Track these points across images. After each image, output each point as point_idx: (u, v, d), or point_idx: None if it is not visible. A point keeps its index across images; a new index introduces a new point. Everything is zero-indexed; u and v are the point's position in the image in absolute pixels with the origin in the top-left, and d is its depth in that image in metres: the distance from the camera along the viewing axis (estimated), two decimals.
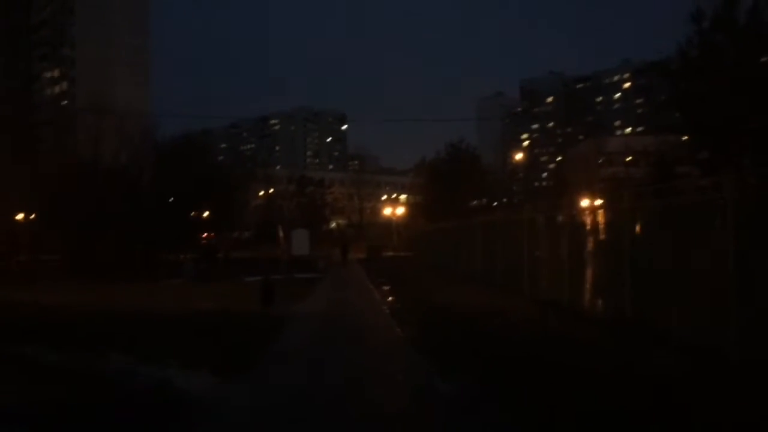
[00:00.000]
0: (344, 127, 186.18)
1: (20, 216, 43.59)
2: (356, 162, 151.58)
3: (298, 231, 34.10)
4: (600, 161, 75.22)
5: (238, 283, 23.92)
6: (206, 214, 46.04)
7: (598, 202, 16.99)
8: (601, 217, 12.73)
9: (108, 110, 47.98)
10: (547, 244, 14.99)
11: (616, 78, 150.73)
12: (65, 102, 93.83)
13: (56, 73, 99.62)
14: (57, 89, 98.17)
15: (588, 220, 13.24)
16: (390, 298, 18.08)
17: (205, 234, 48.90)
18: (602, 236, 12.40)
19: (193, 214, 44.17)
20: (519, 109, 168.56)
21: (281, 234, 29.48)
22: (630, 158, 74.69)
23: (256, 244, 45.44)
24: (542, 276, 15.13)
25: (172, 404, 6.81)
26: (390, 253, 47.84)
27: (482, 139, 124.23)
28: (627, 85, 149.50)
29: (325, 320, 13.82)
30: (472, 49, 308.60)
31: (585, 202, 18.88)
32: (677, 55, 20.03)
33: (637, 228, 10.95)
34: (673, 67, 20.96)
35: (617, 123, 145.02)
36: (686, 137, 21.22)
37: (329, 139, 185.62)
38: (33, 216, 43.99)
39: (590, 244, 12.78)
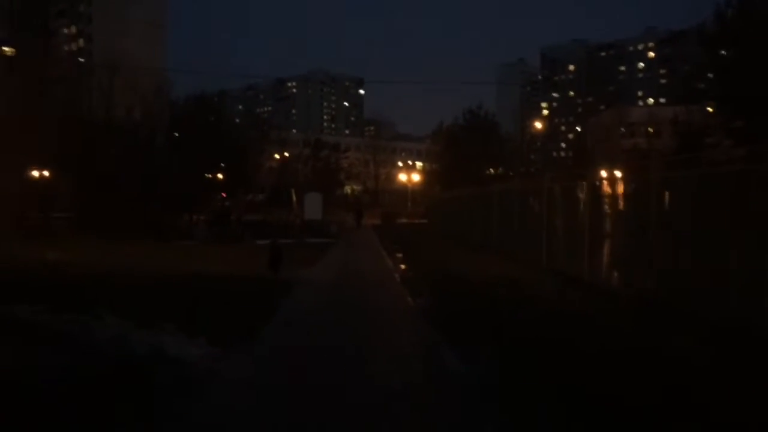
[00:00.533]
0: (361, 91, 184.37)
1: (34, 172, 43.40)
2: (372, 128, 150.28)
3: (310, 195, 33.49)
4: (622, 131, 73.56)
5: (249, 246, 23.57)
6: (221, 175, 45.66)
7: (620, 172, 16.25)
8: (624, 188, 12.03)
9: (121, 66, 47.21)
10: (567, 215, 14.33)
11: (640, 47, 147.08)
12: (81, 59, 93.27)
13: (73, 29, 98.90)
14: (74, 46, 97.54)
15: (610, 190, 12.54)
16: (402, 266, 17.54)
17: (223, 195, 48.62)
18: (625, 208, 11.73)
19: (208, 175, 43.81)
20: (539, 76, 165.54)
21: (294, 197, 28.97)
22: (652, 129, 73.33)
23: (269, 207, 44.89)
24: (561, 248, 14.51)
25: (164, 375, 6.33)
26: (404, 220, 47.40)
27: (501, 107, 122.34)
28: (651, 54, 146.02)
29: (334, 287, 13.28)
30: (493, 15, 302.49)
31: (605, 173, 18.12)
32: (715, 18, 18.97)
33: (666, 200, 10.27)
34: (709, 33, 19.87)
35: (639, 93, 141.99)
36: (717, 106, 20.24)
37: (346, 104, 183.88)
38: (46, 172, 43.79)
39: (612, 216, 12.12)
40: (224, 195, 49.76)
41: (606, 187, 12.91)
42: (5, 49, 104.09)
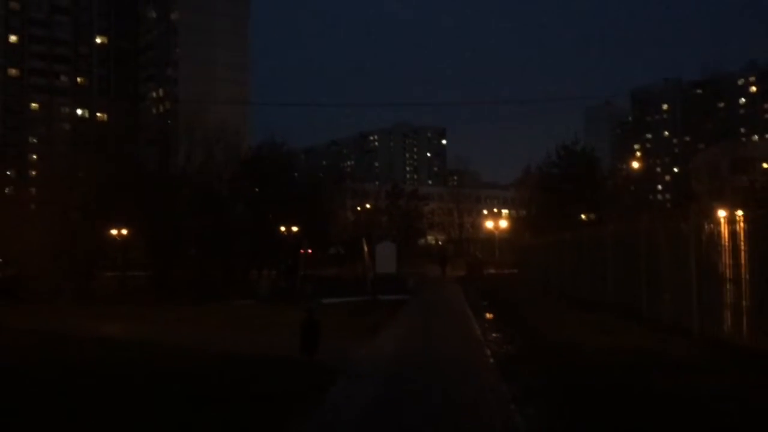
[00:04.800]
0: (444, 141, 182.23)
1: (114, 232, 42.64)
2: (455, 177, 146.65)
3: (383, 244, 29.98)
4: (731, 169, 66.43)
5: (318, 304, 20.10)
6: (295, 228, 43.17)
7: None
8: None
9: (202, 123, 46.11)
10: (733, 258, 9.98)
11: (740, 82, 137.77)
12: (169, 121, 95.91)
13: (160, 92, 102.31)
14: (161, 108, 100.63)
15: None
16: (495, 335, 13.16)
17: (301, 251, 46.20)
18: None
19: (283, 229, 41.43)
20: (630, 118, 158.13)
21: (366, 249, 25.56)
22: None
23: (343, 261, 41.90)
24: (726, 308, 10.11)
25: None
26: (492, 271, 42.82)
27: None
28: (753, 89, 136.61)
29: (396, 380, 8.96)
30: (578, 60, 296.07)
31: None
32: None
33: None
34: None
35: (742, 130, 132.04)
36: None
37: (428, 154, 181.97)
38: (125, 231, 42.98)
39: None
40: (302, 251, 47.32)
41: None
42: (98, 115, 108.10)
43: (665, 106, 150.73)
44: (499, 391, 7.82)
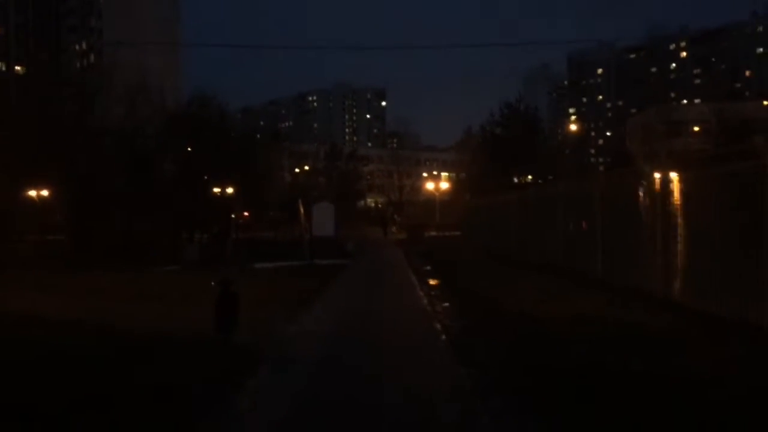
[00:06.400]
0: (383, 103, 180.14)
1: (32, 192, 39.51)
2: (395, 140, 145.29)
3: (320, 205, 28.35)
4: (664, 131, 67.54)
5: (245, 270, 18.51)
6: (230, 190, 41.01)
7: None
8: None
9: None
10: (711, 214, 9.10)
11: (672, 47, 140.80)
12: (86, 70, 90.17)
13: (84, 45, 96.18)
14: (84, 62, 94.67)
15: None
16: (445, 304, 11.86)
17: (240, 213, 44.04)
18: None
19: (217, 191, 39.19)
20: (565, 82, 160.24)
21: (301, 210, 23.99)
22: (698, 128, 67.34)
23: (279, 223, 40.14)
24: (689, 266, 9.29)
25: None
26: (433, 233, 41.98)
27: None
28: (684, 54, 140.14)
29: (331, 363, 7.55)
30: (515, 22, 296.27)
31: None
32: None
33: None
34: None
35: (672, 95, 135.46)
36: None
37: (368, 116, 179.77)
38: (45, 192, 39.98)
39: None
40: (238, 213, 45.17)
41: None
42: (17, 68, 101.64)
43: (599, 70, 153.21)
44: (456, 379, 6.62)
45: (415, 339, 8.85)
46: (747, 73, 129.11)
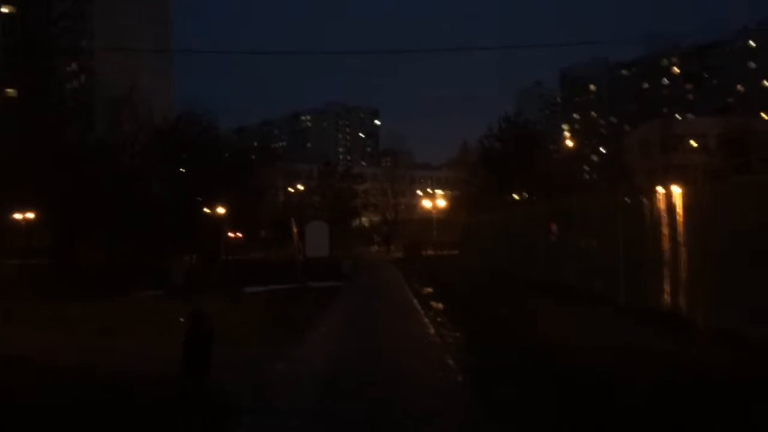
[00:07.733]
0: (377, 122, 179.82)
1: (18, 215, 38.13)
2: (389, 158, 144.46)
3: (314, 224, 26.97)
4: (663, 146, 66.73)
5: (233, 295, 17.09)
6: (222, 210, 39.59)
7: None
8: None
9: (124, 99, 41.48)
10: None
11: (664, 63, 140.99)
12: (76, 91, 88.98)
13: (74, 66, 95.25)
14: (75, 83, 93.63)
15: None
16: (454, 334, 10.23)
17: (231, 234, 42.53)
18: None
19: (208, 211, 37.75)
20: (558, 99, 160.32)
21: (295, 230, 22.67)
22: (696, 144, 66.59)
23: (271, 244, 38.76)
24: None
25: None
26: (430, 252, 40.61)
27: None
28: (676, 70, 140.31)
29: (327, 421, 6.08)
30: (510, 38, 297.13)
31: None
32: None
33: None
34: None
35: (665, 110, 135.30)
36: None
37: (361, 135, 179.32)
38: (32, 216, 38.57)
39: None
40: (229, 234, 43.63)
41: None
42: (8, 91, 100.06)
43: (592, 87, 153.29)
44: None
45: (425, 380, 7.32)
46: (738, 86, 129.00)
